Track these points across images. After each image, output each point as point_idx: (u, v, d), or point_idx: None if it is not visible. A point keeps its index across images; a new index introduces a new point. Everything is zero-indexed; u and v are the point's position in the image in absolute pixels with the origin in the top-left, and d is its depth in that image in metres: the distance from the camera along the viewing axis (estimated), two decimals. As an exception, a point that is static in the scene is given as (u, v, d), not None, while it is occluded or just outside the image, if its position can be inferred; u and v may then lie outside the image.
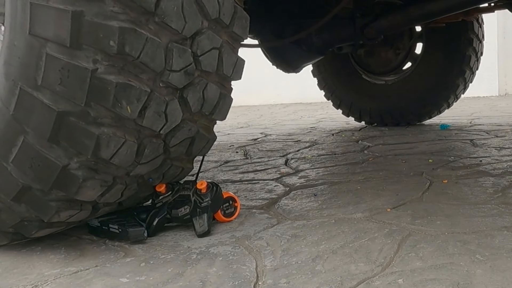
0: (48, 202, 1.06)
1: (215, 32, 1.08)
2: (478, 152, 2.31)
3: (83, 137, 0.98)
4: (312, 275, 0.96)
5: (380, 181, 1.78)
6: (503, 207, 1.34)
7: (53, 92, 0.96)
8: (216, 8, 1.07)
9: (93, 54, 0.93)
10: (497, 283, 0.88)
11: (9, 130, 1.02)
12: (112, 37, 0.93)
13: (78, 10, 0.91)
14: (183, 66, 1.04)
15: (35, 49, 0.95)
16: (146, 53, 0.97)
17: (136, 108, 0.99)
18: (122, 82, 0.96)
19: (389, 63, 3.61)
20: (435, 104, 3.48)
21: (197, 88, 1.09)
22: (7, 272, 1.08)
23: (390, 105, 3.58)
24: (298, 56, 2.93)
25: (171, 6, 0.98)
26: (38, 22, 0.94)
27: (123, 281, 0.99)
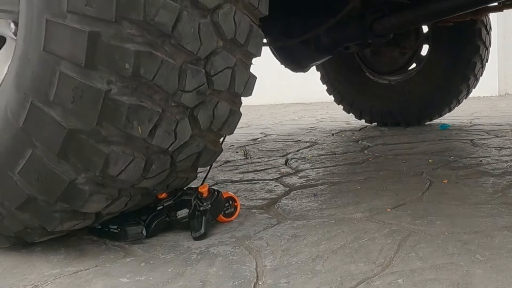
0: (53, 213, 1.06)
1: (229, 52, 1.07)
2: (478, 152, 2.31)
3: (92, 155, 0.98)
4: (312, 275, 0.96)
5: (380, 181, 1.78)
6: (503, 207, 1.34)
7: (64, 109, 0.95)
8: (232, 28, 1.05)
9: (107, 75, 0.92)
10: (497, 283, 0.88)
11: (17, 141, 1.01)
12: (128, 60, 0.92)
13: (95, 31, 0.90)
14: (196, 86, 1.03)
15: (49, 66, 0.94)
16: (161, 75, 0.96)
17: (147, 128, 0.99)
18: (135, 104, 0.96)
19: (394, 63, 3.59)
20: (436, 107, 3.48)
21: (208, 106, 1.09)
22: (7, 272, 1.08)
23: (391, 105, 3.58)
24: (307, 55, 2.92)
25: (188, 29, 0.96)
26: (54, 39, 0.93)
27: (123, 281, 0.99)
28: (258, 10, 1.13)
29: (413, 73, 3.48)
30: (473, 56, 3.23)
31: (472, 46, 3.21)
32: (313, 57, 2.97)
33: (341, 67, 3.73)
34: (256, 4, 1.11)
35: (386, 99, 3.59)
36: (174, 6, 0.94)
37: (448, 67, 3.30)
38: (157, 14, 0.92)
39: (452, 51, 3.26)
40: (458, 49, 3.24)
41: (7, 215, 1.09)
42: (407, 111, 3.53)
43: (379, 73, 3.64)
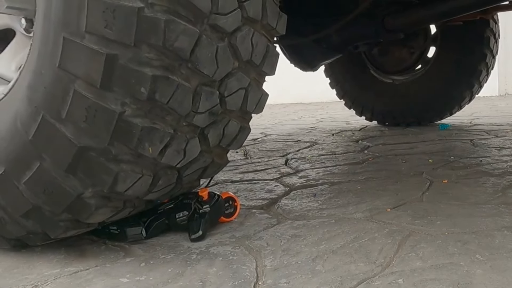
0: (57, 222, 1.06)
1: (244, 73, 1.07)
2: (478, 152, 2.31)
3: (101, 172, 0.98)
4: (312, 275, 0.96)
5: (380, 181, 1.78)
6: (503, 207, 1.34)
7: (76, 127, 0.94)
8: (249, 50, 1.05)
9: (122, 97, 0.92)
10: (497, 283, 0.88)
11: (24, 153, 1.01)
12: (144, 84, 0.91)
13: (112, 54, 0.89)
14: (209, 107, 1.02)
15: (63, 83, 0.93)
16: (175, 99, 0.95)
17: (158, 148, 0.99)
18: (148, 126, 0.95)
19: (400, 63, 3.57)
20: (438, 111, 3.48)
21: (219, 125, 1.09)
22: (7, 272, 1.08)
23: (393, 105, 3.57)
24: (317, 54, 2.90)
25: (206, 53, 0.96)
26: (70, 58, 0.92)
27: (123, 281, 0.99)
28: (276, 30, 1.12)
29: (418, 75, 3.46)
30: (480, 64, 3.22)
31: (479, 54, 3.20)
32: (323, 56, 2.95)
33: (345, 62, 3.72)
34: (274, 25, 1.10)
35: (388, 98, 3.58)
36: (194, 31, 0.93)
37: (454, 73, 3.28)
38: (176, 39, 0.91)
39: (459, 56, 3.24)
40: (465, 56, 3.22)
41: (10, 221, 1.09)
42: (408, 111, 3.53)
43: (384, 72, 3.62)
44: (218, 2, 0.95)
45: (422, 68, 3.47)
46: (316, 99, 8.29)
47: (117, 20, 0.88)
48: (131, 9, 0.88)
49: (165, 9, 0.89)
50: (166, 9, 0.90)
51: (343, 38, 2.81)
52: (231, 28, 0.99)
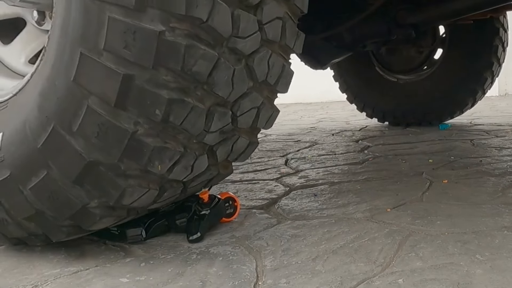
0: (60, 227, 1.07)
1: (258, 92, 1.06)
2: (478, 152, 2.31)
3: (109, 186, 0.98)
4: (312, 275, 0.96)
5: (380, 181, 1.78)
6: (503, 207, 1.34)
7: (87, 142, 0.94)
8: (265, 71, 1.04)
9: (136, 117, 0.91)
10: (497, 283, 0.88)
11: (32, 160, 1.00)
12: (160, 106, 0.90)
13: (129, 74, 0.88)
14: (221, 127, 1.02)
15: (76, 97, 0.92)
16: (189, 120, 0.95)
17: (167, 166, 0.99)
18: (159, 146, 0.95)
19: (407, 62, 3.55)
20: (439, 113, 3.47)
21: (228, 142, 1.08)
22: (7, 272, 1.08)
23: (394, 104, 3.57)
24: (328, 52, 2.87)
25: (222, 76, 0.95)
26: (85, 73, 0.90)
27: (123, 281, 0.99)
28: (293, 50, 1.11)
29: (423, 76, 3.46)
30: (486, 71, 3.21)
31: (486, 61, 3.18)
32: (334, 53, 2.91)
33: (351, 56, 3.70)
34: (291, 45, 1.09)
35: (390, 97, 3.57)
36: (213, 55, 0.91)
37: (459, 77, 3.27)
38: (195, 63, 0.90)
39: (465, 61, 3.22)
40: (472, 61, 3.21)
41: (12, 222, 1.09)
42: (408, 112, 3.53)
43: (389, 70, 3.61)
44: (239, 25, 0.93)
45: (428, 69, 3.46)
46: (316, 99, 8.29)
47: (137, 42, 0.87)
48: (152, 32, 0.86)
49: (186, 32, 0.88)
50: (187, 33, 0.88)
51: (354, 36, 2.76)
52: (249, 51, 0.98)
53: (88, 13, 0.89)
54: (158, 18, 0.86)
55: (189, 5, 0.86)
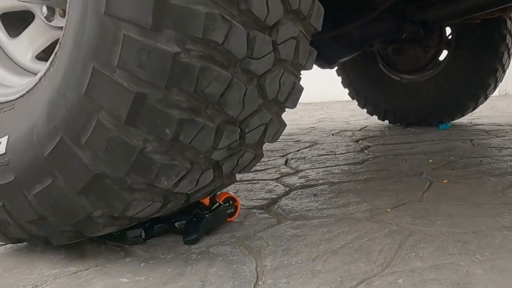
0: (62, 232, 1.07)
1: (267, 109, 1.06)
2: (478, 152, 2.31)
3: (114, 199, 0.98)
4: (312, 275, 0.96)
5: (380, 181, 1.78)
6: (503, 207, 1.34)
7: (95, 155, 0.93)
8: (276, 90, 1.04)
9: (145, 134, 0.91)
10: (497, 283, 0.88)
11: (38, 167, 1.00)
12: (170, 126, 0.90)
13: (142, 93, 0.87)
14: (228, 143, 1.02)
15: (87, 111, 0.92)
16: (198, 139, 0.95)
17: (173, 181, 0.99)
18: (167, 163, 0.95)
19: (411, 61, 3.55)
20: (440, 115, 3.48)
21: (235, 157, 1.09)
22: (7, 272, 1.08)
23: (396, 103, 3.57)
24: (336, 51, 2.83)
25: (234, 96, 0.94)
26: (97, 88, 0.90)
27: (123, 281, 0.99)
28: (304, 67, 1.11)
29: (426, 77, 3.45)
30: (490, 77, 3.21)
31: (491, 67, 3.19)
32: (342, 52, 2.88)
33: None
34: (303, 63, 1.09)
35: (393, 95, 3.57)
36: (226, 77, 0.91)
37: (462, 81, 3.27)
38: (208, 85, 0.89)
39: (470, 65, 3.22)
40: (477, 66, 3.21)
41: (14, 224, 1.09)
42: (409, 111, 3.53)
43: (393, 69, 3.60)
44: (254, 47, 0.92)
45: (432, 70, 3.45)
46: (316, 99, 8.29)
47: (151, 62, 0.86)
48: (167, 53, 0.85)
49: (201, 54, 0.87)
50: (202, 55, 0.87)
51: (364, 35, 2.73)
52: (262, 71, 0.97)
53: (104, 29, 0.88)
54: (174, 39, 0.85)
55: (206, 28, 0.85)
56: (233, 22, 0.87)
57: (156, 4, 0.84)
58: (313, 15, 1.05)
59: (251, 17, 0.90)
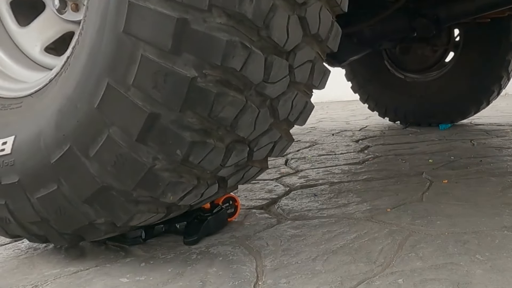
0: (63, 235, 1.07)
1: (277, 128, 1.05)
2: (478, 152, 2.31)
3: (119, 211, 0.98)
4: (312, 275, 0.96)
5: (380, 181, 1.78)
6: (503, 207, 1.34)
7: (103, 168, 0.93)
8: (288, 111, 1.03)
9: (155, 152, 0.90)
10: (497, 283, 0.88)
11: (43, 173, 0.99)
12: (181, 147, 0.90)
13: (155, 113, 0.87)
14: (236, 161, 1.02)
15: (98, 125, 0.91)
16: (208, 159, 0.95)
17: (179, 196, 0.99)
18: (175, 181, 0.95)
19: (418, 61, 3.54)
20: (440, 117, 3.47)
21: (241, 172, 1.09)
22: (7, 272, 1.08)
23: (398, 101, 3.57)
24: (347, 49, 2.81)
25: (247, 119, 0.94)
26: (110, 104, 0.89)
27: (123, 281, 0.99)
28: (318, 87, 1.11)
29: (431, 77, 3.45)
30: (494, 84, 3.21)
31: (496, 74, 3.18)
32: (353, 50, 2.84)
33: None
34: (317, 84, 1.09)
35: (395, 93, 3.56)
36: (240, 101, 0.90)
37: (466, 85, 3.26)
38: (222, 110, 0.89)
39: (475, 71, 3.22)
40: (482, 72, 3.20)
41: (14, 223, 1.09)
42: (410, 111, 3.53)
43: (397, 66, 3.59)
44: (271, 72, 0.91)
45: (437, 71, 3.45)
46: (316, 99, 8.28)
47: (168, 84, 0.85)
48: (185, 77, 0.84)
49: (218, 79, 0.86)
50: (219, 79, 0.86)
51: (376, 33, 2.70)
52: (276, 94, 0.97)
53: (121, 47, 0.86)
54: (192, 63, 0.84)
55: (226, 55, 0.84)
56: (252, 48, 0.86)
57: (177, 28, 0.82)
58: (331, 37, 1.04)
59: (270, 42, 0.89)
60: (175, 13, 0.82)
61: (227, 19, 0.83)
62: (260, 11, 0.84)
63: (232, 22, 0.83)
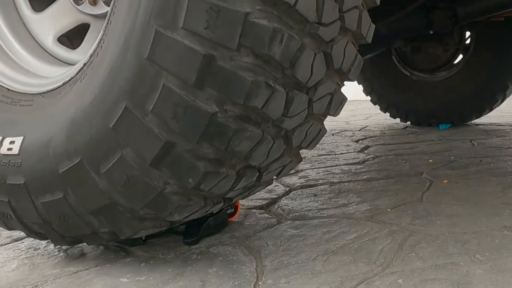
0: (64, 237, 1.07)
1: (288, 154, 1.05)
2: (478, 152, 2.31)
3: (124, 226, 0.99)
4: (312, 275, 0.96)
5: (381, 181, 1.78)
6: (503, 207, 1.34)
7: (112, 186, 0.93)
8: (301, 139, 1.03)
9: (167, 178, 0.90)
10: (497, 283, 0.88)
11: (49, 180, 0.98)
12: (194, 176, 0.90)
13: (171, 142, 0.86)
14: (245, 185, 1.02)
15: (111, 144, 0.90)
16: (218, 186, 0.95)
17: (183, 216, 1.00)
18: (183, 204, 0.95)
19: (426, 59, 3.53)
20: (441, 118, 3.47)
21: (246, 192, 1.10)
22: (7, 272, 1.08)
23: (401, 98, 3.57)
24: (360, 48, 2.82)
25: (262, 151, 0.94)
26: (126, 126, 0.88)
27: (123, 281, 0.99)
28: (334, 115, 1.11)
29: (437, 78, 3.44)
30: (499, 93, 3.23)
31: (503, 83, 3.19)
32: (368, 49, 2.88)
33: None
34: (333, 112, 1.08)
35: (399, 90, 3.55)
36: (257, 135, 0.90)
37: (472, 90, 3.27)
38: (239, 144, 0.89)
39: (482, 76, 3.22)
40: (488, 79, 3.21)
41: (15, 219, 1.08)
42: (412, 110, 3.53)
43: (405, 62, 3.58)
44: (291, 107, 0.91)
45: (445, 72, 3.44)
46: (316, 99, 8.28)
47: (187, 117, 0.84)
48: (205, 112, 0.84)
49: (238, 114, 0.85)
50: (238, 115, 0.86)
51: (392, 31, 2.67)
52: (292, 126, 0.97)
53: (143, 73, 0.85)
54: (214, 98, 0.83)
55: (249, 95, 0.83)
56: (275, 87, 0.86)
57: (203, 63, 0.81)
58: (353, 69, 1.04)
59: (293, 79, 0.88)
60: (203, 48, 0.80)
61: (254, 58, 0.82)
62: (288, 52, 0.84)
63: (259, 62, 0.82)
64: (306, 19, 0.83)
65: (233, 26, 0.79)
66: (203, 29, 0.79)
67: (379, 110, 3.90)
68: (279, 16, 0.81)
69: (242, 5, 0.78)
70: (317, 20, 0.85)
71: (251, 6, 0.79)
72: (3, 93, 1.12)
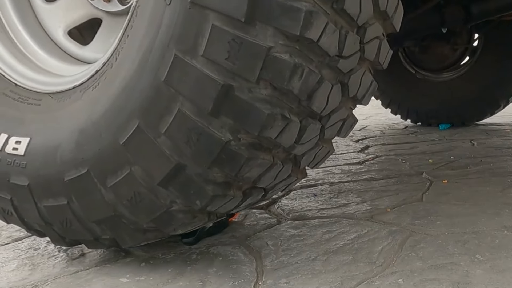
0: (64, 239, 1.07)
1: (294, 175, 1.05)
2: (478, 152, 2.31)
3: (126, 236, 0.99)
4: (312, 275, 0.96)
5: (381, 181, 1.78)
6: (503, 207, 1.34)
7: (118, 199, 0.93)
8: (309, 161, 1.03)
9: (174, 197, 0.90)
10: (497, 283, 0.88)
11: (55, 186, 0.98)
12: (202, 199, 0.90)
13: (182, 164, 0.86)
14: (249, 203, 1.03)
15: (120, 160, 0.90)
16: (223, 207, 0.96)
17: (186, 230, 1.01)
18: (188, 221, 0.96)
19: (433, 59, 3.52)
20: (442, 118, 3.47)
21: (248, 206, 1.10)
22: (7, 272, 1.08)
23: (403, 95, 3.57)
24: None
25: (270, 176, 0.94)
26: (136, 145, 0.88)
27: (123, 281, 0.99)
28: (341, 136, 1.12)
29: (442, 78, 3.44)
30: (502, 99, 3.23)
31: (506, 90, 3.20)
32: None
33: None
34: (343, 135, 1.08)
35: (402, 86, 3.55)
36: (268, 162, 0.90)
37: (475, 93, 3.27)
38: (249, 171, 0.89)
39: (487, 80, 3.23)
40: (493, 83, 3.21)
41: (16, 217, 1.09)
42: (413, 109, 3.53)
43: (410, 60, 3.57)
44: (303, 135, 0.91)
45: (450, 73, 3.44)
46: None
47: (200, 143, 0.84)
48: (218, 140, 0.83)
49: (250, 142, 0.86)
50: (251, 143, 0.86)
51: (404, 31, 2.71)
52: (302, 152, 0.97)
53: (159, 95, 0.84)
54: (228, 127, 0.83)
55: (264, 127, 0.83)
56: (290, 117, 0.85)
57: (221, 92, 0.80)
58: (367, 95, 1.03)
59: (308, 110, 0.88)
60: (221, 77, 0.80)
61: (272, 91, 0.81)
62: (307, 86, 0.83)
63: (277, 94, 0.82)
64: (327, 53, 0.83)
65: (255, 59, 0.79)
66: (224, 59, 0.79)
67: (379, 110, 3.90)
68: (301, 51, 0.80)
69: (265, 39, 0.78)
70: (338, 53, 0.85)
71: (274, 41, 0.78)
72: (11, 88, 1.10)
